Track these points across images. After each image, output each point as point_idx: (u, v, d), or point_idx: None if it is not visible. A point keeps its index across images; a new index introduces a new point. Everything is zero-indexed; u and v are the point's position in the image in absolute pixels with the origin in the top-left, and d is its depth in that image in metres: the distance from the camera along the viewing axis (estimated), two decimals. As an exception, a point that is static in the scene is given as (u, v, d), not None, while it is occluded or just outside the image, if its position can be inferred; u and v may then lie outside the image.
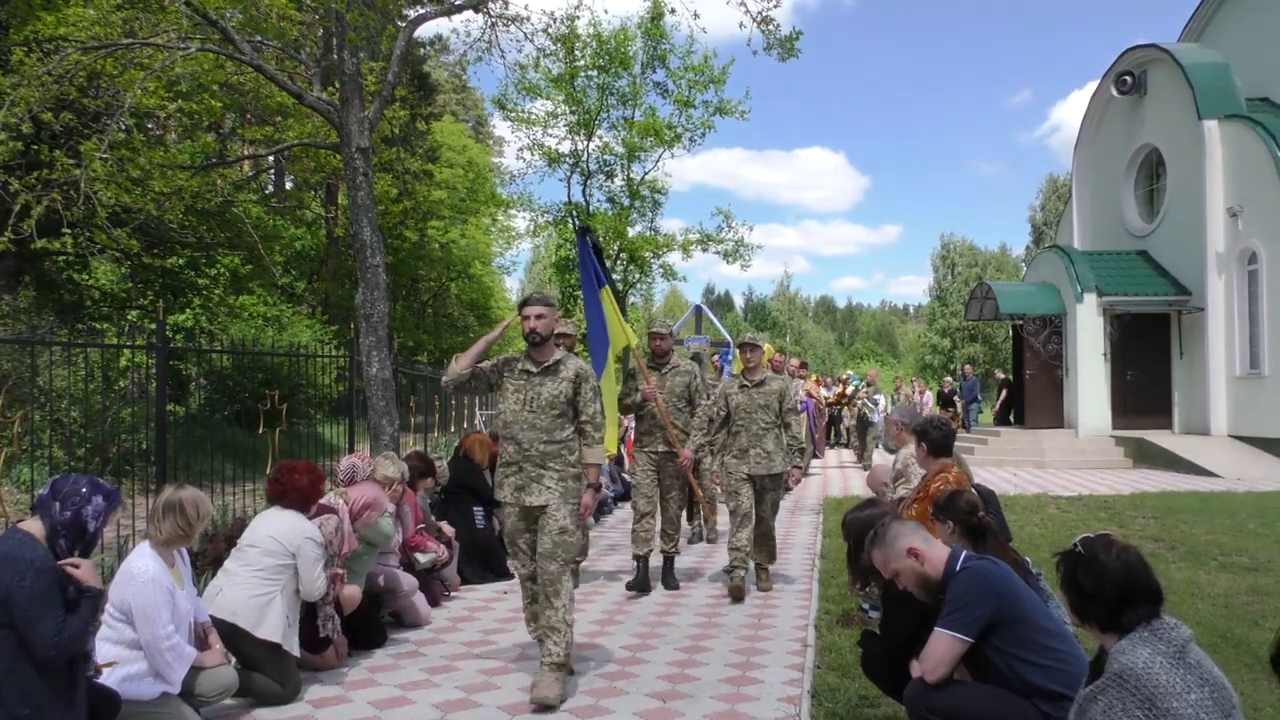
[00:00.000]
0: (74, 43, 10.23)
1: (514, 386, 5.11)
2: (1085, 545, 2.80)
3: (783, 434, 7.18)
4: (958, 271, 61.06)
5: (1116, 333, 19.10)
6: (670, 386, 7.56)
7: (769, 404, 7.12)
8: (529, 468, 4.96)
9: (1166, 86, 19.11)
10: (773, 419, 7.12)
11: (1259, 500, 12.29)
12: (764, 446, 7.06)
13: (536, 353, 5.12)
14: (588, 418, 5.07)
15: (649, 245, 24.48)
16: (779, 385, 7.23)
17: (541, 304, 5.11)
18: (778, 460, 7.10)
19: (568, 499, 4.97)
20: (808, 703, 4.59)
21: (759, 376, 7.19)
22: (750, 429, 7.09)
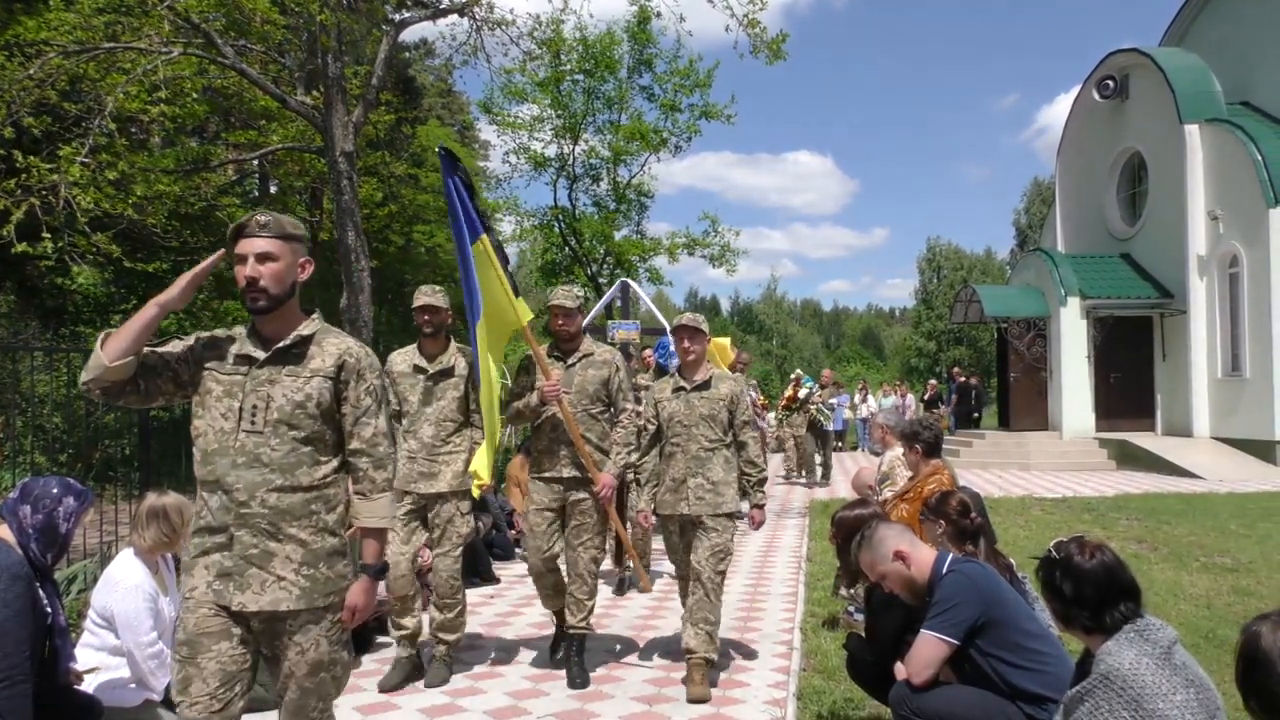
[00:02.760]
0: (56, 47, 10.18)
1: (222, 387, 2.81)
2: (1060, 550, 2.82)
3: (734, 457, 5.14)
4: (943, 275, 61.30)
5: (1100, 335, 19.22)
6: (580, 384, 5.23)
7: (715, 413, 5.06)
8: (245, 539, 2.74)
9: (1148, 91, 19.25)
10: (720, 435, 5.07)
11: (1240, 501, 12.38)
12: (709, 475, 5.00)
13: (268, 325, 2.85)
14: (362, 444, 2.87)
15: (635, 249, 24.47)
16: (730, 389, 5.15)
17: (274, 234, 2.80)
18: (728, 495, 5.00)
19: (318, 605, 2.81)
20: (793, 705, 4.60)
21: (701, 375, 5.13)
22: (689, 450, 5.03)
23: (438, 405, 5.17)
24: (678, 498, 5.05)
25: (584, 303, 5.34)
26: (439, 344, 5.27)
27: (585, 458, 5.13)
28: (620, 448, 5.26)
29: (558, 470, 5.18)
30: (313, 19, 10.10)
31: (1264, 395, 16.63)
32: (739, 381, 5.31)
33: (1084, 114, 21.58)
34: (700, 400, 5.09)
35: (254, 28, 11.16)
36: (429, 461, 5.14)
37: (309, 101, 11.57)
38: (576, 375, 5.25)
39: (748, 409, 5.22)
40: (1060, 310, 19.21)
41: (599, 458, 5.22)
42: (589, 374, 5.26)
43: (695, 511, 4.98)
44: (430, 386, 5.20)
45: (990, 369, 32.90)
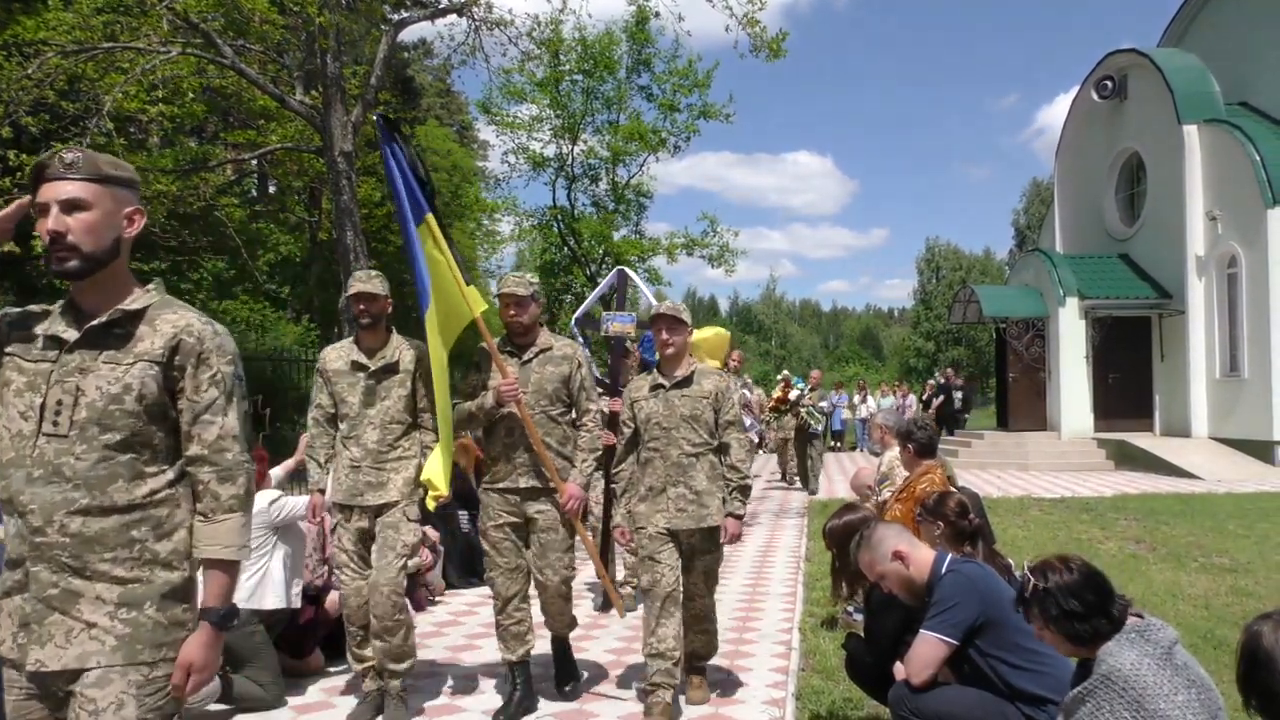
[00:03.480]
0: (54, 46, 10.17)
1: (25, 377, 2.17)
2: (1039, 577, 2.78)
3: (720, 462, 4.60)
4: (942, 275, 61.38)
5: (1098, 335, 19.22)
6: (538, 382, 4.64)
7: (699, 414, 4.53)
8: (43, 576, 2.10)
9: (1147, 91, 19.26)
10: (704, 439, 4.54)
11: (1239, 501, 12.39)
12: (691, 484, 4.49)
13: (86, 296, 2.22)
14: (203, 449, 2.21)
15: (634, 249, 24.48)
16: (714, 385, 4.63)
17: (85, 175, 2.15)
18: (713, 505, 4.51)
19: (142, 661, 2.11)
20: (792, 705, 4.60)
21: (683, 370, 4.61)
22: (668, 455, 4.51)
23: (382, 406, 4.59)
24: (654, 509, 4.51)
25: (538, 290, 4.72)
26: (378, 336, 4.71)
27: (547, 465, 4.54)
28: (586, 454, 4.65)
29: (514, 480, 4.60)
30: (311, 19, 10.10)
31: (1262, 396, 16.63)
32: (724, 377, 4.74)
33: (1082, 114, 21.58)
34: (681, 399, 4.54)
35: (253, 27, 11.15)
36: (376, 470, 4.55)
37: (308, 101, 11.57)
38: (533, 372, 4.65)
39: (734, 407, 4.63)
40: (1059, 310, 19.21)
41: (562, 465, 4.64)
42: (547, 371, 4.66)
43: (676, 525, 4.47)
44: (372, 385, 4.61)
45: (989, 369, 32.88)
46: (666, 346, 4.58)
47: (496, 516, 4.64)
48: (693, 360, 4.72)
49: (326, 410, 4.73)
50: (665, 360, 4.65)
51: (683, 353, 4.65)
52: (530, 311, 4.70)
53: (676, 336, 4.59)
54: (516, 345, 4.75)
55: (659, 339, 4.59)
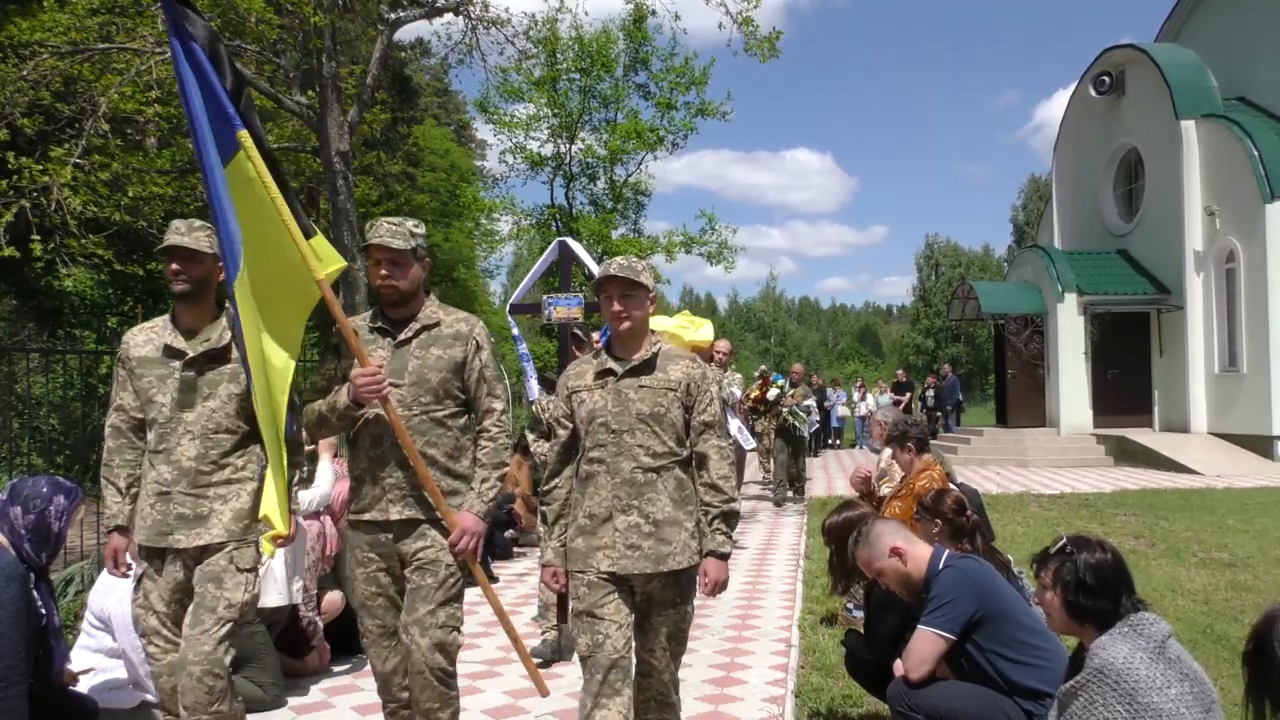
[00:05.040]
0: (49, 48, 10.17)
1: None
2: (1074, 546, 2.80)
3: (691, 479, 3.33)
4: (941, 272, 61.41)
5: (1097, 331, 19.23)
6: (419, 372, 3.41)
7: (663, 411, 3.27)
8: None
9: (1144, 86, 19.26)
10: (669, 447, 3.27)
11: (1238, 496, 12.40)
12: (649, 510, 3.22)
13: None
14: None
15: (633, 248, 24.49)
16: (685, 372, 3.34)
17: None
18: (678, 540, 3.23)
19: None
20: (791, 703, 4.60)
21: (641, 352, 3.35)
22: (618, 469, 3.24)
23: (205, 408, 3.43)
24: (596, 544, 3.21)
25: (421, 244, 3.44)
26: (202, 311, 3.54)
27: (429, 488, 3.28)
28: (488, 471, 3.41)
29: (383, 509, 3.32)
30: (307, 19, 10.10)
31: (1261, 390, 16.64)
32: (700, 363, 3.42)
33: (1080, 110, 21.59)
34: (639, 391, 3.26)
35: (248, 27, 11.15)
36: (193, 498, 3.39)
37: (304, 101, 11.56)
38: (412, 358, 3.39)
39: (713, 403, 3.35)
40: (1057, 306, 19.22)
41: (452, 486, 3.39)
42: (432, 356, 3.40)
43: (626, 569, 3.17)
44: (192, 378, 3.45)
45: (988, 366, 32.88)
46: (620, 319, 3.29)
47: (364, 561, 3.38)
48: (657, 338, 3.41)
49: (130, 414, 3.52)
50: (618, 338, 3.37)
51: (642, 328, 3.34)
52: (410, 274, 3.40)
53: (633, 306, 3.29)
54: (391, 320, 3.45)
55: (609, 309, 3.31)
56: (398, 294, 3.40)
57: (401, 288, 3.40)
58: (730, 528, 3.31)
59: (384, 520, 3.35)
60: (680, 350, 3.47)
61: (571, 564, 3.30)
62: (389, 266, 3.36)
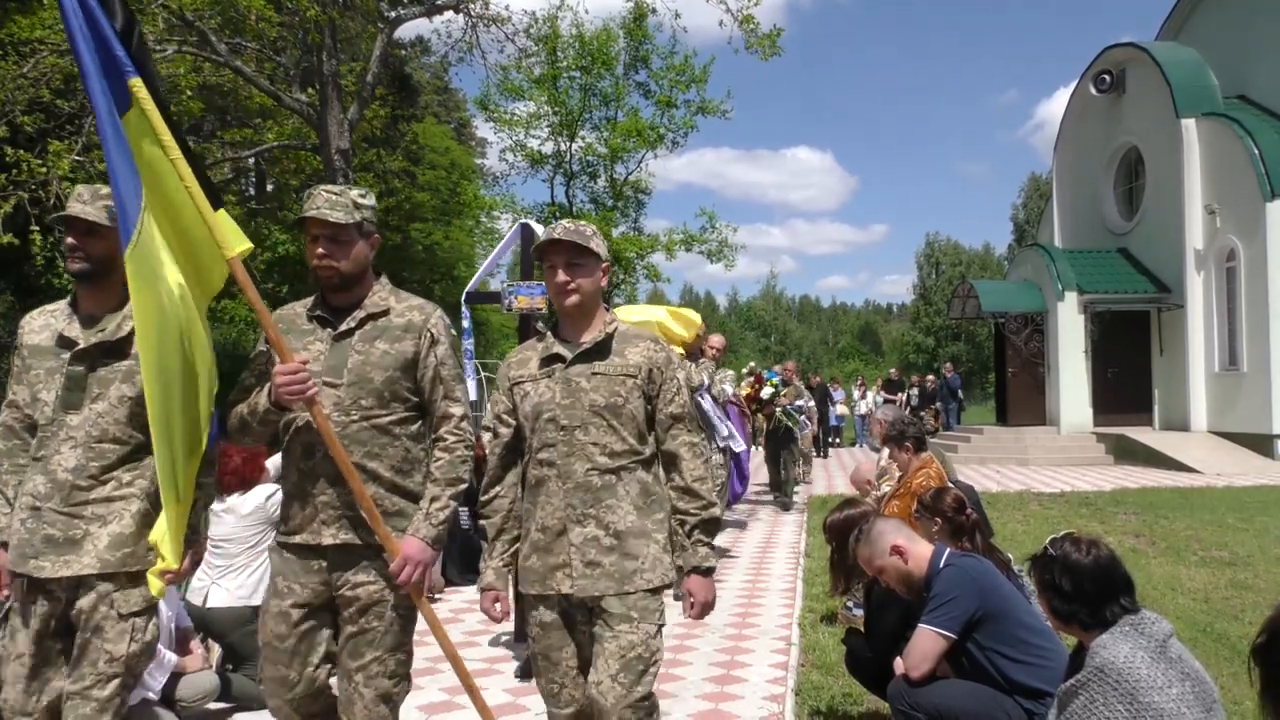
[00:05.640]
0: (49, 45, 10.17)
1: None
2: (1056, 546, 2.81)
3: (659, 481, 2.89)
4: (942, 270, 61.40)
5: (1097, 330, 19.23)
6: (359, 370, 2.87)
7: (621, 403, 2.81)
8: None
9: (1145, 85, 19.25)
10: (630, 444, 2.82)
11: (1238, 495, 12.40)
12: (609, 519, 2.77)
13: None
14: None
15: (633, 246, 24.48)
16: (647, 354, 2.88)
17: None
18: (647, 555, 2.78)
19: None
20: (791, 701, 4.60)
21: (594, 333, 2.89)
22: (570, 473, 2.79)
23: (92, 411, 2.83)
24: (550, 563, 2.76)
25: (369, 218, 2.90)
26: (106, 296, 2.93)
27: (365, 507, 2.74)
28: (442, 488, 2.85)
29: (315, 531, 2.79)
30: (307, 17, 10.10)
31: (1261, 389, 16.64)
32: (662, 346, 2.92)
33: (1081, 109, 21.58)
34: (593, 379, 2.79)
35: (249, 25, 11.15)
36: (65, 517, 2.79)
37: (304, 99, 11.56)
38: (354, 353, 2.85)
39: (680, 393, 2.87)
40: (1058, 305, 19.21)
41: (400, 506, 2.86)
42: (376, 351, 2.85)
43: (583, 590, 2.72)
44: (80, 374, 2.85)
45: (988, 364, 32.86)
46: (566, 291, 2.78)
47: (284, 592, 2.80)
48: (611, 316, 2.93)
49: (24, 412, 2.94)
50: (566, 315, 2.86)
51: (592, 303, 2.85)
52: (353, 253, 2.86)
53: (581, 275, 2.79)
54: (332, 308, 2.92)
55: (553, 281, 2.80)
56: (339, 277, 2.86)
57: (342, 269, 2.85)
58: (711, 537, 2.85)
59: (316, 544, 2.79)
60: (641, 330, 2.98)
61: (527, 586, 2.84)
62: (327, 244, 2.82)
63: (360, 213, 2.88)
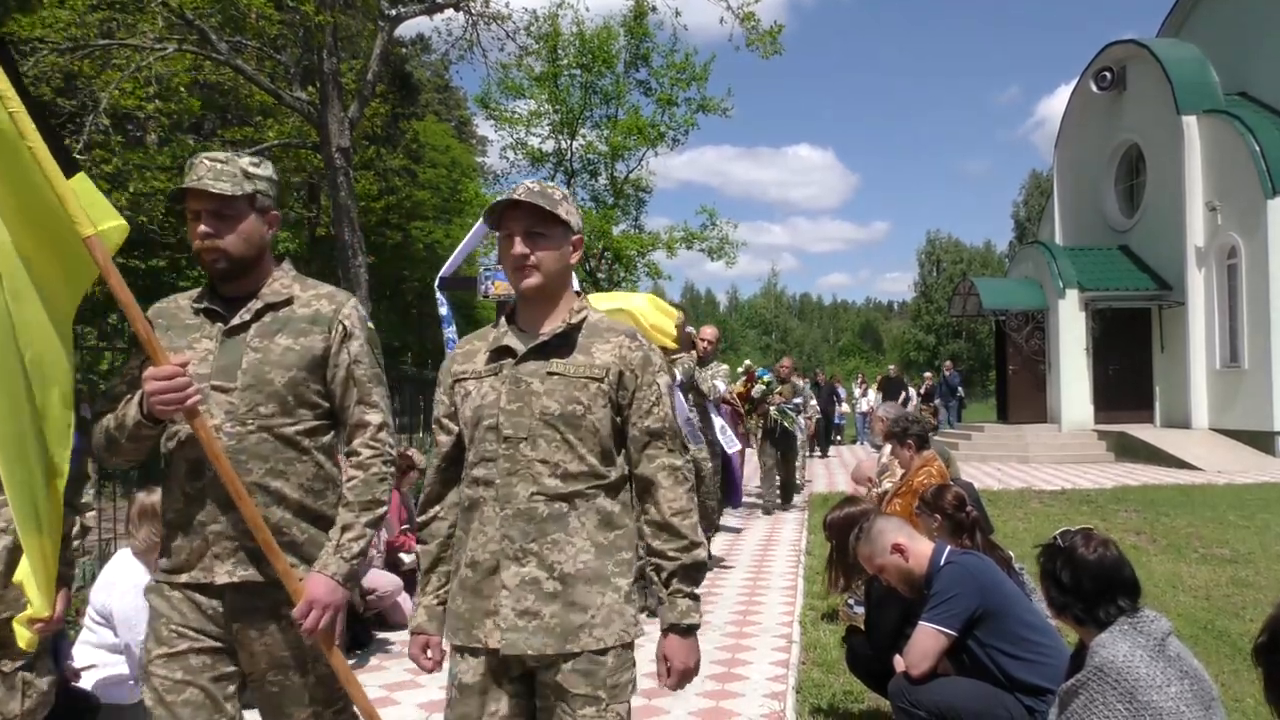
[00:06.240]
0: (50, 44, 10.18)
1: None
2: (1065, 538, 2.82)
3: (627, 513, 2.29)
4: (943, 268, 61.43)
5: (1098, 327, 19.22)
6: (256, 370, 2.37)
7: (579, 411, 2.20)
8: None
9: (1145, 82, 19.22)
10: (589, 465, 2.21)
11: (1239, 493, 12.39)
12: (554, 559, 2.16)
13: None
14: None
15: (634, 244, 24.48)
16: (617, 351, 2.27)
17: None
18: (600, 606, 2.19)
19: None
20: (792, 698, 4.60)
21: (553, 322, 2.29)
22: (510, 496, 2.18)
23: None
24: (478, 608, 2.19)
25: (264, 188, 2.43)
26: None
27: (260, 538, 2.26)
28: (356, 513, 2.37)
29: (207, 567, 2.32)
30: (308, 15, 10.10)
31: (1262, 386, 16.63)
32: (640, 342, 2.32)
33: (1081, 106, 21.55)
34: (547, 380, 2.22)
35: (249, 24, 11.15)
36: None
37: (304, 97, 11.56)
38: (249, 351, 2.38)
39: (660, 403, 2.28)
40: (1058, 302, 19.20)
41: (312, 535, 2.40)
42: (277, 347, 2.39)
43: (513, 646, 2.14)
44: None
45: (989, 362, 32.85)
46: (524, 269, 2.23)
47: (169, 640, 2.31)
48: (582, 302, 2.35)
49: None
50: (523, 299, 2.31)
51: (557, 285, 2.29)
52: (244, 231, 2.39)
53: (545, 248, 2.24)
54: (224, 300, 2.45)
55: (508, 254, 2.24)
56: (226, 261, 2.37)
57: (231, 251, 2.36)
58: (695, 585, 2.29)
59: (206, 583, 2.31)
60: (617, 323, 2.38)
61: (451, 633, 2.23)
62: (211, 221, 2.34)
63: (253, 183, 2.40)
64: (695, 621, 2.29)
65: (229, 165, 2.38)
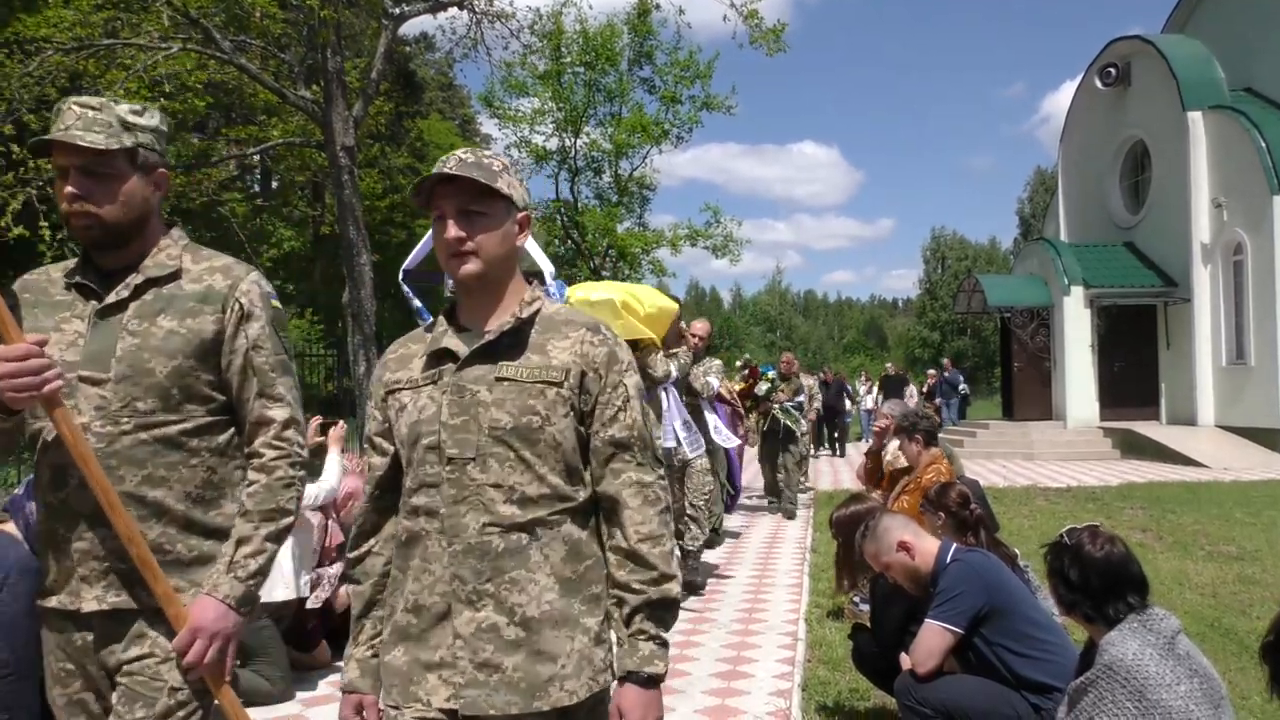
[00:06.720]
0: (55, 44, 10.20)
1: None
2: (1071, 536, 2.82)
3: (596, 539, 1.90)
4: (947, 265, 61.32)
5: (1103, 324, 19.19)
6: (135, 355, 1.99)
7: (536, 422, 1.82)
8: None
9: (1151, 78, 19.18)
10: (550, 487, 1.83)
11: (1245, 490, 12.37)
12: (512, 601, 1.79)
13: None
14: None
15: (638, 242, 24.46)
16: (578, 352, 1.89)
17: None
18: (569, 655, 1.81)
19: None
20: (798, 696, 4.60)
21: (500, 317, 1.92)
22: (457, 527, 1.80)
23: None
24: (423, 661, 1.83)
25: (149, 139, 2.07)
26: None
27: (137, 556, 1.93)
28: (255, 524, 2.03)
29: (74, 591, 1.99)
30: (313, 13, 10.10)
31: (1269, 383, 16.59)
32: (605, 335, 1.95)
33: (1086, 102, 21.51)
34: (496, 387, 1.85)
35: (253, 23, 11.16)
36: None
37: (309, 96, 11.57)
38: (126, 334, 2.01)
39: (629, 407, 1.92)
40: (1063, 299, 19.17)
41: (202, 551, 2.04)
42: (160, 330, 2.02)
43: (473, 706, 1.79)
44: None
45: (994, 359, 32.81)
46: (461, 254, 1.87)
47: (61, 677, 2.04)
48: (534, 293, 2.00)
49: None
50: (462, 290, 1.95)
51: (502, 272, 1.94)
52: (122, 193, 2.02)
53: (486, 229, 1.89)
54: (100, 273, 2.07)
55: (441, 238, 1.89)
56: (100, 229, 2.00)
57: (105, 217, 1.99)
58: (663, 626, 1.87)
59: (74, 610, 1.97)
60: (577, 314, 2.00)
61: (385, 691, 1.88)
62: (81, 180, 1.97)
63: (133, 135, 2.02)
64: (659, 671, 1.85)
65: (103, 113, 1.98)
